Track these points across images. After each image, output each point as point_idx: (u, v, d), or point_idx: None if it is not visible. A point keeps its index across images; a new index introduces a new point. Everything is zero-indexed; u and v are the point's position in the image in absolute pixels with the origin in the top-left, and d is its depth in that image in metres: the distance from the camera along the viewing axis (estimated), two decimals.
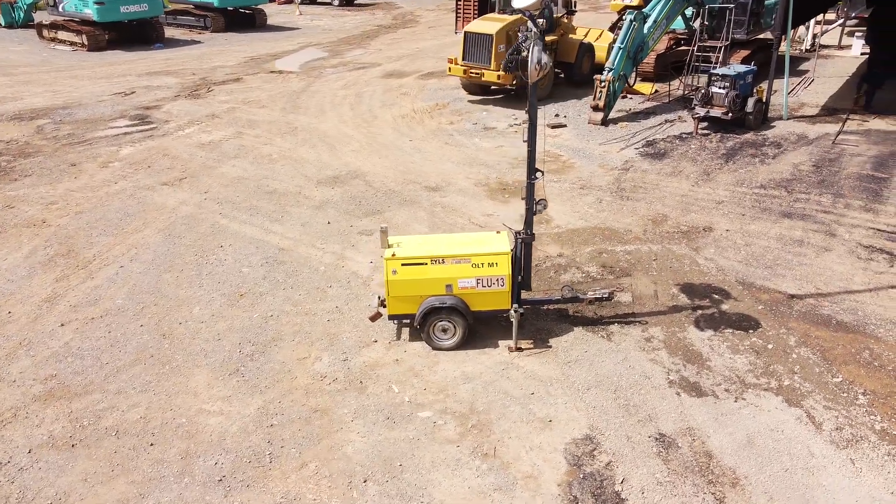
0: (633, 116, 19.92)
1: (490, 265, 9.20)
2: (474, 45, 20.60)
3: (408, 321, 9.70)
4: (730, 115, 17.96)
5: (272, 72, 26.70)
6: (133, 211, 13.92)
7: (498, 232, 9.92)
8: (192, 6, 36.81)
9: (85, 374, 9.03)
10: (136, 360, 9.30)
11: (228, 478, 7.33)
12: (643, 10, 20.02)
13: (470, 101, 21.62)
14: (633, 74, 23.00)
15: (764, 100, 18.72)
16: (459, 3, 27.95)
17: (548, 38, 21.74)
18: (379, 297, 9.90)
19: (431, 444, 7.78)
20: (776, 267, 11.45)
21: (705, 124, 18.59)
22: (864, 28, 27.01)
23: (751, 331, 9.74)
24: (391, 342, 9.65)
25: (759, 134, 18.11)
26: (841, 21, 28.66)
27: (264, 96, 22.91)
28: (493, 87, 21.93)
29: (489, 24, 20.61)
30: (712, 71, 18.51)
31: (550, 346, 9.46)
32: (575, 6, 24.59)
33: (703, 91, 18.48)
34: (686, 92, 21.59)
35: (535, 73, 8.30)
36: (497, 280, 9.25)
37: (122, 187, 15.15)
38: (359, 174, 15.82)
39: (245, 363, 9.22)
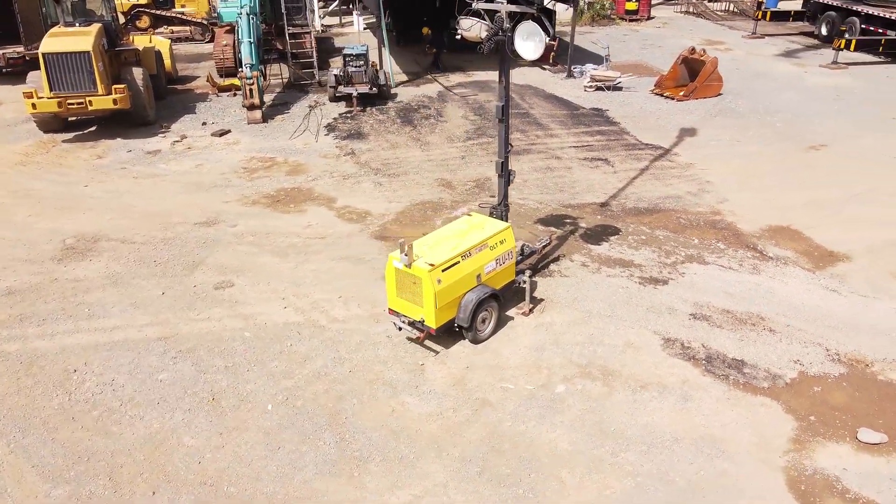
0: (277, 109, 19.85)
1: (501, 242, 9.51)
2: (65, 69, 16.68)
3: (408, 330, 9.12)
4: (374, 88, 19.79)
5: None
6: None
7: (469, 214, 10.09)
8: None
9: None
10: None
11: None
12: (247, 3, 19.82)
13: (68, 140, 17.85)
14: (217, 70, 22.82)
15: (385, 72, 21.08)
16: None
17: (143, 47, 19.58)
18: (402, 320, 9.09)
19: (602, 403, 8.22)
20: (565, 189, 14.30)
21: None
22: (361, 7, 31.50)
23: (620, 233, 12.40)
24: (437, 356, 9.09)
25: (397, 101, 20.48)
26: (335, 4, 32.65)
27: None
28: (71, 119, 18.23)
29: (77, 41, 16.88)
30: (345, 52, 19.83)
31: (542, 300, 10.36)
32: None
33: (339, 72, 19.77)
34: (294, 78, 22.34)
35: (541, 50, 8.83)
36: (509, 255, 9.64)
37: None
38: (93, 237, 12.37)
39: (350, 450, 7.55)
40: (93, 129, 18.33)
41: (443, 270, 8.71)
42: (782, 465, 7.32)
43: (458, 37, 9.55)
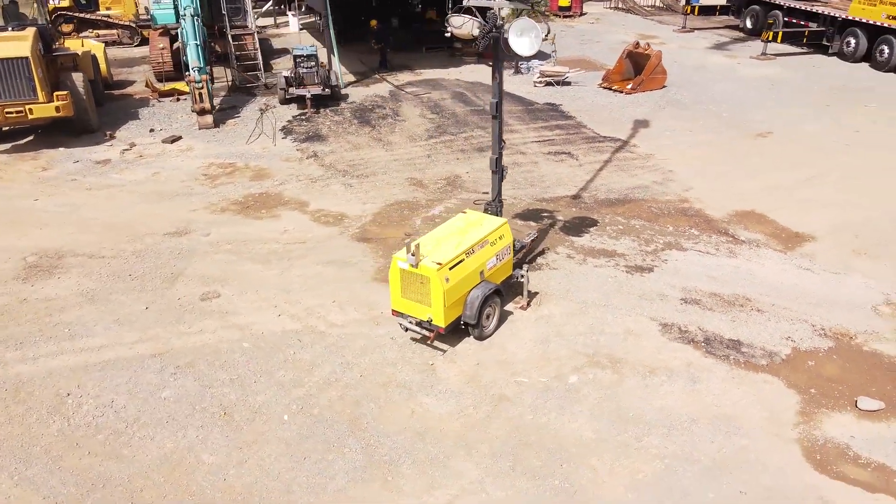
0: (227, 113, 19.27)
1: (500, 238, 9.57)
2: (2, 76, 15.82)
3: (415, 330, 9.13)
4: (326, 90, 19.50)
5: None
6: None
7: (465, 212, 10.08)
8: None
9: None
10: None
11: None
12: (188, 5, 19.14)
13: (5, 152, 16.89)
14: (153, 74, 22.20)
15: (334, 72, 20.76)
16: None
17: (80, 51, 18.76)
18: (409, 321, 9.01)
19: (615, 391, 8.38)
20: (535, 183, 14.48)
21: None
22: (295, 9, 30.97)
23: (598, 223, 12.65)
24: (445, 355, 9.07)
25: (349, 101, 20.24)
26: (269, 4, 31.92)
27: None
28: (3, 129, 17.28)
29: (13, 46, 15.83)
30: (296, 53, 19.44)
31: (537, 293, 10.47)
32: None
33: (290, 74, 19.39)
34: (239, 81, 21.76)
35: (538, 46, 8.89)
36: (507, 250, 9.71)
37: None
38: (56, 253, 11.74)
39: (377, 455, 7.44)
40: (30, 138, 17.37)
41: (450, 269, 8.69)
42: (795, 438, 7.66)
43: (448, 34, 9.54)
